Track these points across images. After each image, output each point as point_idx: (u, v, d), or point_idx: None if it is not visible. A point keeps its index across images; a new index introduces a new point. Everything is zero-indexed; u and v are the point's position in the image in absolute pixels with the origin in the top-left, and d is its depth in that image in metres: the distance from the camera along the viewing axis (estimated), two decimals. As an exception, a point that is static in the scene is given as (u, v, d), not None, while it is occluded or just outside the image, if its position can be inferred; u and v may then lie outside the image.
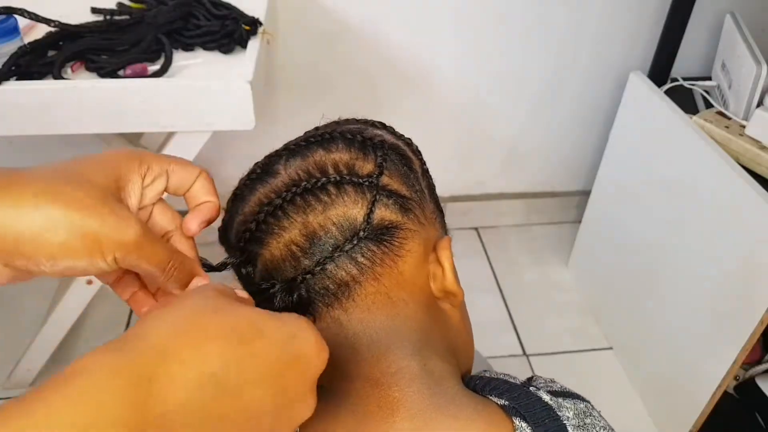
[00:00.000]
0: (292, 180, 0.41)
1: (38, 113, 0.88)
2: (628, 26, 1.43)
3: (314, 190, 0.40)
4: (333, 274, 0.40)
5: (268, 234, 0.40)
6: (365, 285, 0.40)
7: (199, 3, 1.01)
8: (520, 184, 1.72)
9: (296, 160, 0.42)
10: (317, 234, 0.39)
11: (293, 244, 0.40)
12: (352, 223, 0.40)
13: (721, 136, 1.11)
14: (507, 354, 1.43)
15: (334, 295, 0.40)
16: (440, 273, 0.43)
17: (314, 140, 0.43)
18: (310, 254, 0.40)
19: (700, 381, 1.13)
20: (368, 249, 0.40)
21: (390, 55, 1.41)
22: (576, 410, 0.44)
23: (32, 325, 1.27)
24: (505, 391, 0.43)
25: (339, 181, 0.40)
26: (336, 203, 0.40)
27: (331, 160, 0.41)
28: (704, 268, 1.11)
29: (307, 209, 0.40)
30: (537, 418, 0.41)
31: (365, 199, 0.40)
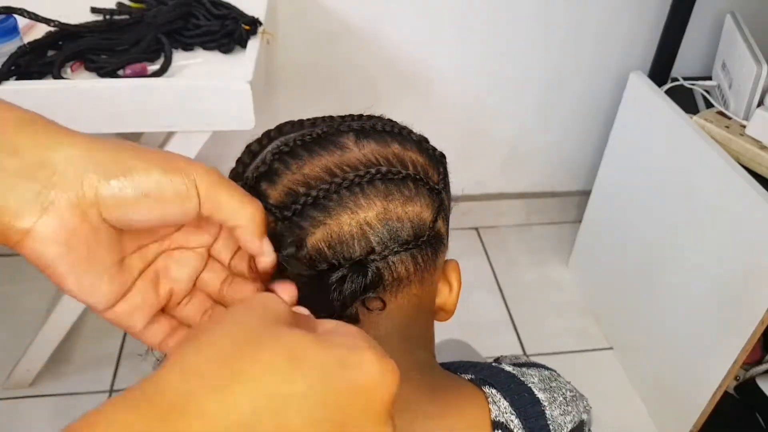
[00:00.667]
0: (369, 161, 0.40)
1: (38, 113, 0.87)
2: (628, 26, 1.43)
3: (396, 180, 0.40)
4: (394, 267, 0.40)
5: (339, 206, 0.39)
6: (411, 286, 0.41)
7: (199, 3, 1.01)
8: (520, 184, 1.72)
9: (370, 143, 0.41)
10: (395, 224, 0.39)
11: (368, 225, 0.39)
12: (423, 225, 0.40)
13: (722, 135, 1.11)
14: (507, 354, 1.43)
15: (385, 288, 0.40)
16: (447, 291, 0.46)
17: (387, 130, 0.43)
18: (383, 240, 0.39)
19: (701, 381, 1.13)
20: (426, 253, 0.41)
21: (390, 55, 1.41)
22: (541, 376, 0.47)
23: (32, 325, 1.27)
24: (470, 367, 0.47)
25: (419, 179, 0.41)
26: (414, 200, 0.40)
27: (409, 157, 0.42)
28: (704, 267, 1.11)
29: (389, 196, 0.39)
30: (503, 384, 0.44)
31: (432, 207, 0.41)
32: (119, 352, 1.37)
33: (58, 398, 1.28)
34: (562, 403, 0.46)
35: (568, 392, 0.48)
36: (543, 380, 0.47)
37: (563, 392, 0.47)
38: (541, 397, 0.45)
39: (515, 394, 0.44)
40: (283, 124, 0.45)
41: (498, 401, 0.43)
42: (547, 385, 0.47)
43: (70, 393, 1.29)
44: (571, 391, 0.48)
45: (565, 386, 0.48)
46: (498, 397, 0.44)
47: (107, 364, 1.34)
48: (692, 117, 1.15)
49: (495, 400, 0.43)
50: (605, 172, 1.43)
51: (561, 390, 0.47)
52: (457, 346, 0.97)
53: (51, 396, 1.28)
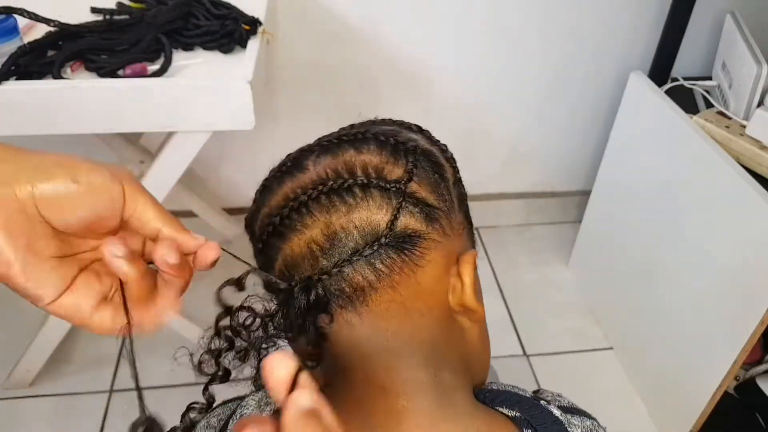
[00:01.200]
0: (320, 177, 0.40)
1: (38, 113, 0.88)
2: (628, 26, 1.43)
3: (340, 191, 0.39)
4: (350, 278, 0.39)
5: (290, 229, 0.40)
6: (381, 292, 0.39)
7: (199, 3, 1.01)
8: (520, 184, 1.72)
9: (327, 157, 0.41)
10: (338, 235, 0.39)
11: (314, 242, 0.39)
12: (375, 229, 0.39)
13: (722, 135, 1.11)
14: (507, 354, 1.43)
15: (349, 299, 0.39)
16: (460, 287, 0.43)
17: (347, 139, 0.42)
18: (329, 255, 0.39)
19: (701, 381, 1.13)
20: (388, 256, 0.39)
21: (390, 55, 1.41)
22: (583, 428, 0.44)
23: (32, 325, 1.27)
24: (515, 403, 0.44)
25: (366, 183, 0.39)
26: (360, 206, 0.39)
27: (361, 161, 0.41)
28: (704, 268, 1.11)
29: (331, 209, 0.39)
30: (547, 430, 0.41)
31: (390, 205, 0.39)
32: (119, 352, 1.37)
33: (58, 398, 1.28)
34: None
35: None
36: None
37: None
38: None
39: None
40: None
41: None
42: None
43: (70, 393, 1.29)
44: None
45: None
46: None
47: (107, 364, 1.34)
48: (692, 117, 1.15)
49: None
50: (605, 172, 1.43)
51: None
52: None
53: (51, 396, 1.28)
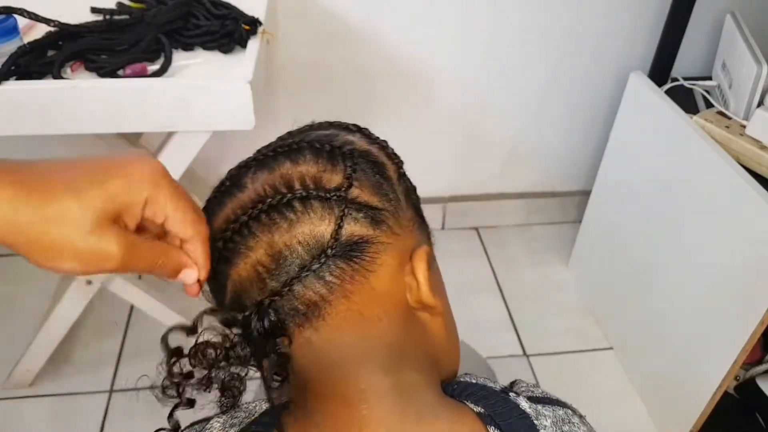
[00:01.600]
0: (258, 195, 0.39)
1: (38, 113, 0.88)
2: (628, 26, 1.43)
3: (279, 207, 0.38)
4: (301, 295, 0.37)
5: (235, 254, 0.39)
6: (335, 304, 0.38)
7: (199, 3, 1.01)
8: (520, 184, 1.72)
9: (263, 173, 0.40)
10: (283, 254, 0.37)
11: (259, 264, 0.38)
12: (319, 241, 0.38)
13: (722, 135, 1.11)
14: (507, 354, 1.43)
15: (304, 316, 0.38)
16: (415, 285, 0.41)
17: (281, 151, 0.41)
18: (277, 275, 0.38)
19: (701, 381, 1.13)
20: (337, 267, 0.38)
21: (390, 55, 1.41)
22: (555, 417, 0.44)
23: (32, 325, 1.27)
24: (482, 398, 0.43)
25: (305, 196, 0.38)
26: (302, 220, 0.38)
27: (298, 173, 0.39)
28: (704, 268, 1.11)
29: (273, 227, 0.38)
30: (513, 427, 0.41)
31: (333, 215, 0.38)
32: (119, 352, 1.37)
33: (58, 398, 1.28)
34: None
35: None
36: (556, 422, 0.43)
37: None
38: None
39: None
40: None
41: None
42: (558, 429, 0.43)
43: (70, 393, 1.29)
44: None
45: (578, 429, 0.45)
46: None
47: (107, 364, 1.34)
48: (692, 117, 1.15)
49: None
50: (605, 172, 1.43)
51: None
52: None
53: (51, 396, 1.28)
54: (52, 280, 1.42)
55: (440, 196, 1.66)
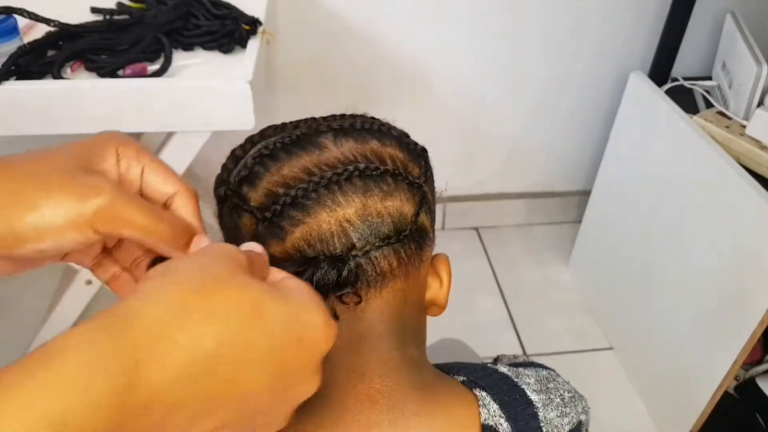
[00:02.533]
0: (347, 159, 0.40)
1: (38, 113, 0.88)
2: (628, 26, 1.43)
3: (374, 176, 0.40)
4: (377, 262, 0.39)
5: (318, 204, 0.39)
6: (396, 280, 0.41)
7: (199, 3, 1.01)
8: (520, 184, 1.72)
9: (349, 141, 0.42)
10: (374, 219, 0.39)
11: (347, 221, 0.39)
12: (404, 219, 0.40)
13: (722, 135, 1.11)
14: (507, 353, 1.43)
15: (368, 283, 0.40)
16: (437, 286, 0.45)
17: (367, 128, 0.43)
18: (364, 236, 0.39)
19: (700, 381, 1.13)
20: (410, 247, 0.41)
21: (390, 55, 1.41)
22: (538, 376, 0.47)
23: (32, 325, 1.27)
24: (462, 368, 0.47)
25: (398, 174, 0.41)
26: (393, 195, 0.40)
27: (388, 153, 0.42)
28: (704, 268, 1.11)
29: (367, 192, 0.39)
30: (494, 386, 0.45)
31: (414, 201, 0.41)
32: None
33: (58, 398, 1.28)
34: (559, 404, 0.46)
35: (566, 393, 0.47)
36: (540, 381, 0.47)
37: (561, 393, 0.47)
38: (535, 398, 0.45)
39: (506, 396, 0.44)
40: (265, 129, 0.45)
41: (488, 404, 0.43)
42: (543, 386, 0.46)
43: (70, 393, 1.29)
44: (570, 392, 0.48)
45: (564, 387, 0.48)
46: (488, 400, 0.44)
47: (107, 364, 1.34)
48: (692, 117, 1.15)
49: (485, 402, 0.44)
50: (605, 172, 1.43)
51: (558, 391, 0.47)
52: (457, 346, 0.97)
53: (51, 396, 1.28)
54: (52, 280, 1.42)
55: (440, 196, 1.66)
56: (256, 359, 0.28)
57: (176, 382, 0.25)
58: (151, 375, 0.24)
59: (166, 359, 0.25)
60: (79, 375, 0.23)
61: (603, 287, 1.49)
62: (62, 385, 0.22)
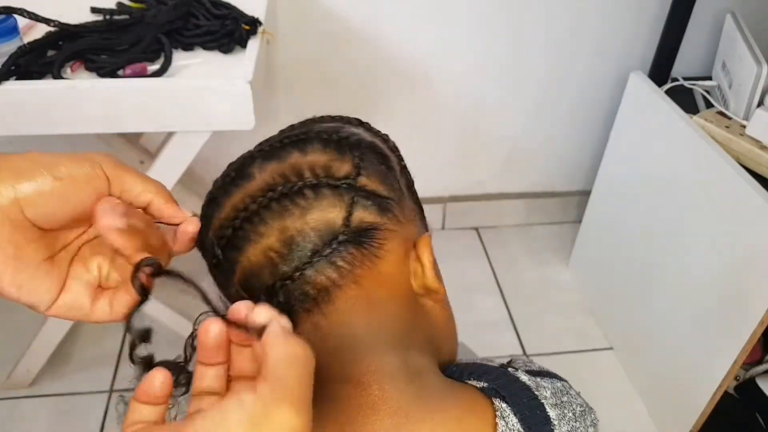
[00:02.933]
0: (267, 184, 0.40)
1: (38, 113, 0.87)
2: (628, 26, 1.43)
3: (291, 195, 0.39)
4: (312, 280, 0.39)
5: (245, 240, 0.39)
6: (345, 289, 0.40)
7: (199, 3, 1.01)
8: (520, 184, 1.72)
9: (271, 162, 0.41)
10: (295, 239, 0.39)
11: (271, 250, 0.39)
12: (331, 227, 0.39)
13: (722, 135, 1.11)
14: (507, 354, 1.43)
15: (314, 300, 0.39)
16: (420, 270, 0.43)
17: (289, 141, 0.42)
18: (289, 260, 0.39)
19: (700, 381, 1.13)
20: (348, 252, 0.39)
21: (390, 55, 1.41)
22: (553, 389, 0.45)
23: (32, 325, 1.27)
24: (483, 374, 0.44)
25: (316, 184, 0.39)
26: (314, 207, 0.39)
27: (307, 162, 0.40)
28: (704, 268, 1.11)
29: (285, 214, 0.39)
30: (516, 397, 0.42)
31: (343, 202, 0.40)
32: (119, 352, 1.37)
33: (58, 398, 1.28)
34: (571, 419, 0.45)
35: (578, 407, 0.46)
36: (555, 394, 0.45)
37: (573, 407, 0.46)
38: (552, 414, 0.43)
39: (526, 410, 0.42)
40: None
41: (507, 417, 0.41)
42: (558, 400, 0.45)
43: (70, 393, 1.29)
44: (581, 405, 0.46)
45: (576, 400, 0.46)
46: (507, 413, 0.41)
47: (107, 364, 1.34)
48: (692, 117, 1.15)
49: (504, 415, 0.41)
50: (605, 172, 1.43)
51: (571, 405, 0.46)
52: (457, 346, 0.97)
53: (51, 396, 1.28)
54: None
55: (440, 196, 1.66)
56: None
57: None
58: None
59: None
60: None
61: (603, 287, 1.49)
62: None
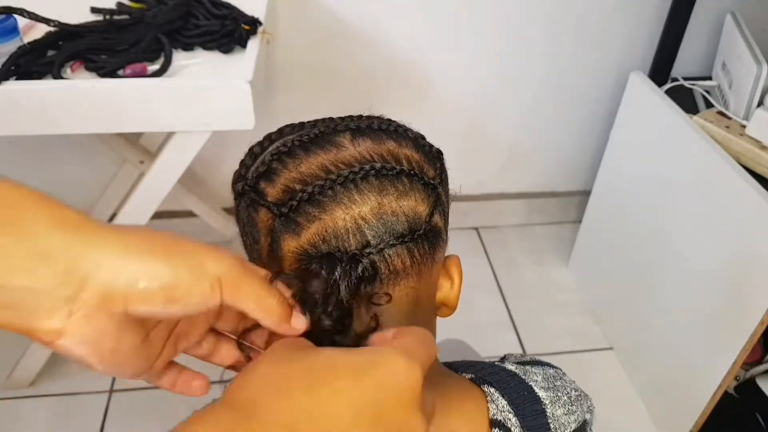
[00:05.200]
0: (363, 158, 0.41)
1: (38, 113, 0.88)
2: (628, 26, 1.43)
3: (390, 176, 0.41)
4: (390, 260, 0.40)
5: (334, 201, 0.40)
6: (408, 278, 0.41)
7: (199, 3, 1.01)
8: (520, 184, 1.72)
9: (366, 141, 0.43)
10: (389, 217, 0.40)
11: (362, 219, 0.40)
12: (418, 219, 0.41)
13: (722, 135, 1.11)
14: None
15: (381, 281, 0.40)
16: (448, 286, 0.46)
17: (383, 129, 0.44)
18: (378, 234, 0.40)
19: (700, 381, 1.13)
20: (422, 246, 0.41)
21: (390, 55, 1.41)
22: (545, 375, 0.48)
23: (32, 325, 1.27)
24: (470, 366, 0.47)
25: (414, 175, 0.42)
26: (409, 195, 0.41)
27: (404, 154, 0.43)
28: (704, 267, 1.11)
29: (383, 191, 0.40)
30: (503, 382, 0.45)
31: (428, 201, 0.42)
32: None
33: (58, 398, 1.28)
34: (566, 402, 0.47)
35: (572, 391, 0.48)
36: (547, 379, 0.47)
37: (567, 391, 0.48)
38: (543, 395, 0.45)
39: (514, 392, 0.45)
40: (284, 127, 0.46)
41: (496, 399, 0.44)
42: (550, 384, 0.47)
43: (70, 393, 1.29)
44: (576, 390, 0.48)
45: (570, 385, 0.49)
46: (496, 396, 0.44)
47: (107, 364, 1.34)
48: (692, 117, 1.15)
49: (493, 398, 0.44)
50: (605, 172, 1.43)
51: (565, 389, 0.48)
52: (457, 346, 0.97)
53: (51, 396, 1.28)
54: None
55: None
56: (344, 414, 0.29)
57: None
58: None
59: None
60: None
61: (603, 287, 1.49)
62: None
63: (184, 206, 1.47)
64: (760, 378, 1.24)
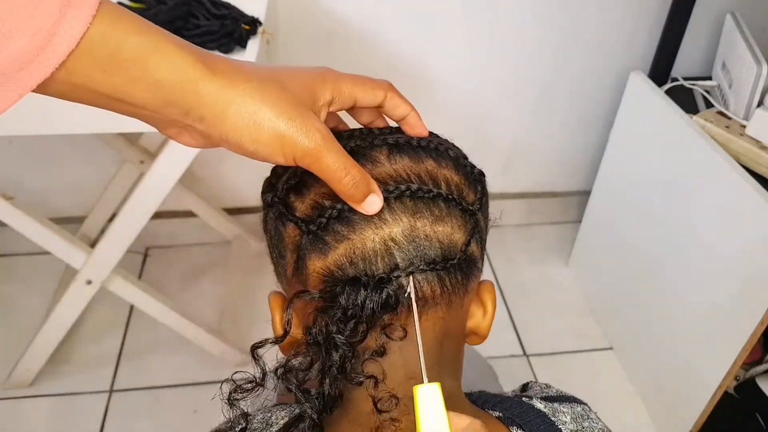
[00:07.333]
0: (400, 176, 0.39)
1: (38, 113, 0.87)
2: (628, 26, 1.43)
3: (426, 198, 0.38)
4: (419, 286, 0.38)
5: (364, 220, 0.38)
6: (438, 308, 0.39)
7: (199, 2, 1.01)
8: (521, 184, 1.72)
9: (403, 158, 0.41)
10: (422, 241, 0.38)
11: (392, 240, 0.38)
12: (453, 247, 0.39)
13: (722, 135, 1.11)
14: (507, 354, 1.43)
15: (409, 307, 0.38)
16: (480, 314, 0.44)
17: (423, 146, 0.42)
18: (408, 258, 0.37)
19: (700, 381, 1.13)
20: (455, 276, 0.39)
21: (390, 56, 1.41)
22: (573, 414, 0.45)
23: (32, 325, 1.27)
24: (497, 404, 0.44)
25: (451, 199, 0.39)
26: (444, 220, 0.39)
27: (443, 175, 0.41)
28: (704, 268, 1.11)
29: (417, 214, 0.38)
30: (532, 424, 0.42)
31: (465, 228, 0.40)
32: (119, 352, 1.37)
33: (58, 398, 1.28)
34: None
35: (599, 431, 0.45)
36: (575, 419, 0.45)
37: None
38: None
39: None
40: None
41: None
42: (579, 426, 0.44)
43: (70, 393, 1.29)
44: (602, 430, 0.46)
45: (597, 424, 0.46)
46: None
47: (107, 364, 1.34)
48: (692, 117, 1.15)
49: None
50: (605, 172, 1.43)
51: (593, 430, 0.45)
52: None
53: (51, 396, 1.29)
54: (52, 280, 1.42)
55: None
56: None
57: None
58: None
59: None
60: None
61: (603, 287, 1.49)
62: None
63: (184, 206, 1.47)
64: (760, 378, 1.24)
